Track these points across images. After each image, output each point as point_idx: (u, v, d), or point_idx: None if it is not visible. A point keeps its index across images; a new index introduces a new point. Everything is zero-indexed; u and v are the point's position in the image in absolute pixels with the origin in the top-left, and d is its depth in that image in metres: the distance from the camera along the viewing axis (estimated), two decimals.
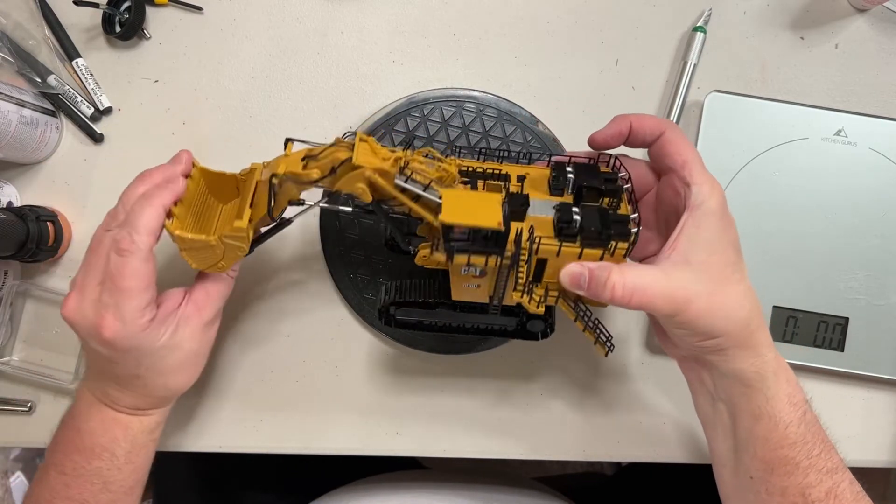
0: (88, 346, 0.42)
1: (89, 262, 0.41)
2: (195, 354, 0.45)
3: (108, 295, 0.40)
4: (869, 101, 0.55)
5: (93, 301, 0.41)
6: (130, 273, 0.40)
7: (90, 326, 0.41)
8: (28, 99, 0.52)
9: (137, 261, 0.40)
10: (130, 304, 0.40)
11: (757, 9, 0.56)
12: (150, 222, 0.40)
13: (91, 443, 0.44)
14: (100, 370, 0.44)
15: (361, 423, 0.54)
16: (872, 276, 0.53)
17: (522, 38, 0.56)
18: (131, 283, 0.40)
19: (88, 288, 0.41)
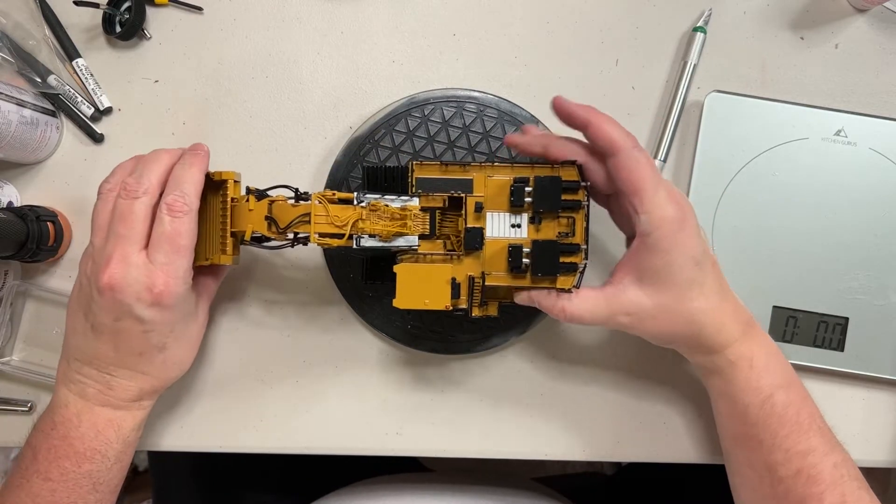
0: (117, 323, 0.43)
1: (121, 233, 0.42)
2: (202, 329, 0.49)
3: (163, 255, 0.42)
4: (869, 101, 0.55)
5: (140, 264, 0.42)
6: (186, 232, 0.42)
7: (141, 289, 0.41)
8: (28, 99, 0.52)
9: (190, 221, 0.43)
10: (184, 262, 0.43)
11: (757, 9, 0.56)
12: (198, 184, 0.43)
13: (82, 448, 0.44)
14: (112, 356, 0.44)
15: (361, 423, 0.54)
16: (872, 276, 0.53)
17: (522, 38, 0.56)
18: (186, 242, 0.42)
19: (132, 254, 0.42)
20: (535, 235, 0.44)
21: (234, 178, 0.47)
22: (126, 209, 0.42)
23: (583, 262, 0.44)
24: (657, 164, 0.54)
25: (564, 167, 0.44)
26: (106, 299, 0.42)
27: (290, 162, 0.55)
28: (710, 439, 0.54)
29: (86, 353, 0.44)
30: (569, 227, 0.44)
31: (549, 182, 0.44)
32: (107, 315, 0.42)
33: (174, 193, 0.42)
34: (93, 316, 0.43)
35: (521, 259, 0.44)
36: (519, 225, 0.45)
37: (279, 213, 0.45)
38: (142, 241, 0.42)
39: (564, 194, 0.44)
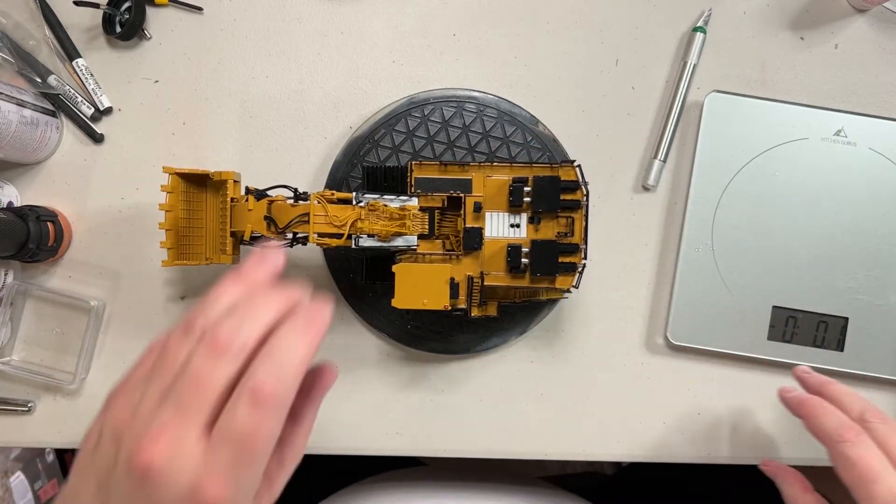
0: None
1: (185, 401, 0.29)
2: None
3: (227, 457, 0.28)
4: (869, 101, 0.55)
5: (196, 456, 0.28)
6: (267, 436, 0.29)
7: (185, 490, 0.28)
8: (28, 99, 0.52)
9: (278, 421, 0.29)
10: (251, 477, 0.29)
11: (757, 9, 0.56)
12: (305, 365, 0.30)
13: None
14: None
15: (361, 423, 0.55)
16: (872, 276, 0.53)
17: (522, 38, 0.56)
18: (263, 450, 0.29)
19: (189, 438, 0.28)
20: (534, 235, 0.45)
21: (233, 178, 0.47)
22: (204, 371, 0.29)
23: (582, 262, 0.44)
24: (656, 165, 0.54)
25: (563, 167, 0.44)
26: (134, 485, 0.28)
27: (290, 162, 0.55)
28: (710, 439, 0.54)
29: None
30: (568, 227, 0.44)
31: (548, 182, 0.44)
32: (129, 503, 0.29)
33: (270, 372, 0.29)
34: (108, 495, 0.30)
35: (520, 259, 0.44)
36: (518, 225, 0.45)
37: (278, 213, 0.46)
38: (208, 421, 0.29)
39: (563, 194, 0.44)
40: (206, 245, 0.49)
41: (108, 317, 0.55)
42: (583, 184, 0.44)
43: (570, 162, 0.44)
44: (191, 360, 0.29)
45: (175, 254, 0.48)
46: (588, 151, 0.55)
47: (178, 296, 0.55)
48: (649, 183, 0.54)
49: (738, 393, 0.54)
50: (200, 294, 0.55)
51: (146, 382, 0.30)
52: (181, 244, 0.48)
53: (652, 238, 0.55)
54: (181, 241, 0.48)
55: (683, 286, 0.53)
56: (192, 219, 0.49)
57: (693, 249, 0.53)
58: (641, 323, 0.55)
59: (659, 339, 0.54)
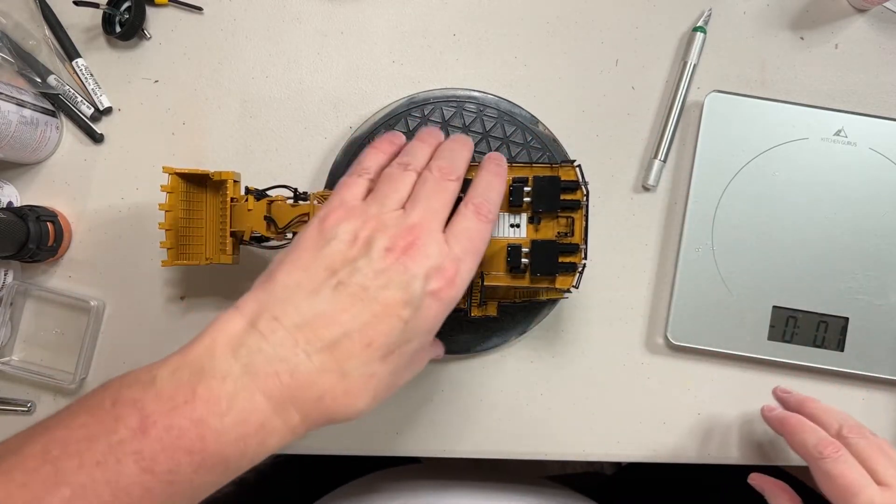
0: (382, 292, 0.34)
1: (434, 206, 0.37)
2: (395, 387, 0.38)
3: (461, 249, 0.36)
4: (869, 101, 0.55)
5: (442, 242, 0.36)
6: (486, 239, 0.38)
7: (434, 266, 0.35)
8: (28, 99, 0.52)
9: (490, 232, 0.38)
10: (473, 268, 0.37)
11: (757, 9, 0.56)
12: (501, 199, 0.40)
13: (213, 446, 0.31)
14: (335, 331, 0.33)
15: (361, 422, 0.54)
16: (872, 276, 0.53)
17: (522, 38, 0.56)
18: (482, 249, 0.37)
19: (437, 230, 0.36)
20: (534, 235, 0.44)
21: (233, 178, 0.47)
22: (441, 186, 0.38)
23: (582, 263, 0.44)
24: (656, 165, 0.54)
25: (563, 167, 0.44)
26: (390, 259, 0.34)
27: (290, 162, 0.55)
28: (710, 439, 0.54)
29: (300, 311, 0.33)
30: (568, 227, 0.44)
31: (547, 182, 0.44)
32: (376, 277, 0.34)
33: (480, 199, 0.38)
34: (350, 272, 0.34)
35: (520, 259, 0.44)
36: (518, 225, 0.45)
37: (278, 213, 0.46)
38: (444, 224, 0.37)
39: (563, 194, 0.44)
40: (206, 245, 0.49)
41: (107, 317, 0.55)
42: (583, 184, 0.44)
43: (570, 162, 0.44)
44: (426, 183, 0.38)
45: (175, 254, 0.48)
46: (588, 151, 0.55)
47: (178, 296, 0.55)
48: (649, 183, 0.54)
49: (739, 393, 0.54)
50: (200, 294, 0.55)
51: (378, 201, 0.37)
52: (181, 244, 0.48)
53: (652, 238, 0.55)
54: (181, 240, 0.48)
55: (683, 286, 0.53)
56: (192, 219, 0.49)
57: (693, 249, 0.53)
58: (641, 323, 0.55)
59: (659, 339, 0.54)
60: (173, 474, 0.30)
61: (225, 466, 0.31)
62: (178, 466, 0.30)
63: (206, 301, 0.55)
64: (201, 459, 0.31)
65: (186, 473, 0.30)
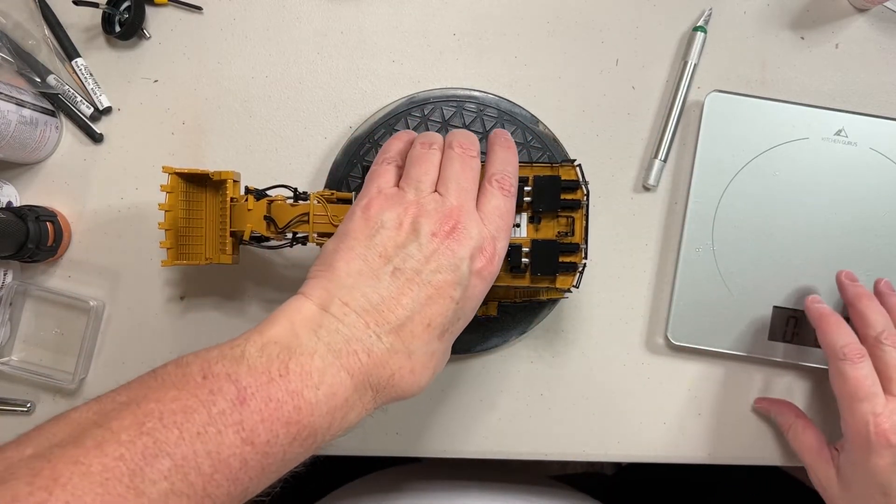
0: (435, 275, 0.36)
1: (465, 186, 0.39)
2: (442, 363, 0.40)
3: (494, 227, 0.38)
4: (869, 101, 0.55)
5: (480, 222, 0.38)
6: (512, 214, 0.40)
7: (477, 246, 0.37)
8: (28, 99, 0.52)
9: (514, 205, 0.40)
10: (506, 244, 0.39)
11: (757, 8, 0.56)
12: (517, 172, 0.41)
13: (308, 419, 0.32)
14: (399, 314, 0.35)
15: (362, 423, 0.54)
16: (873, 276, 0.53)
17: (522, 38, 0.56)
18: (510, 224, 0.39)
19: (474, 210, 0.38)
20: (534, 235, 0.44)
21: (233, 178, 0.47)
22: (467, 164, 0.39)
23: (582, 262, 0.44)
24: (657, 165, 0.54)
25: (563, 166, 0.44)
26: (436, 243, 0.36)
27: (290, 162, 0.55)
28: (711, 439, 0.54)
29: (366, 296, 0.35)
30: (568, 227, 0.44)
31: (548, 182, 0.43)
32: (427, 261, 0.36)
33: (501, 174, 0.40)
34: (403, 258, 0.36)
35: (521, 259, 0.43)
36: (518, 224, 0.44)
37: (278, 213, 0.45)
38: (475, 202, 0.39)
39: (563, 194, 0.44)
40: (206, 245, 0.49)
41: (107, 317, 0.55)
42: (583, 183, 0.44)
43: (571, 161, 0.44)
44: (453, 161, 0.39)
45: (175, 254, 0.48)
46: (588, 151, 0.55)
47: (178, 295, 0.55)
48: (650, 183, 0.54)
49: (739, 393, 0.54)
50: (200, 294, 0.55)
51: (413, 185, 0.38)
52: (180, 244, 0.48)
53: (652, 238, 0.55)
54: (180, 240, 0.48)
55: (684, 286, 0.53)
56: (192, 219, 0.49)
57: (693, 249, 0.53)
58: (642, 323, 0.55)
59: (659, 340, 0.54)
60: (270, 446, 0.31)
61: (314, 439, 0.33)
62: (276, 438, 0.31)
63: (206, 301, 0.55)
64: (297, 431, 0.32)
65: (282, 445, 0.31)
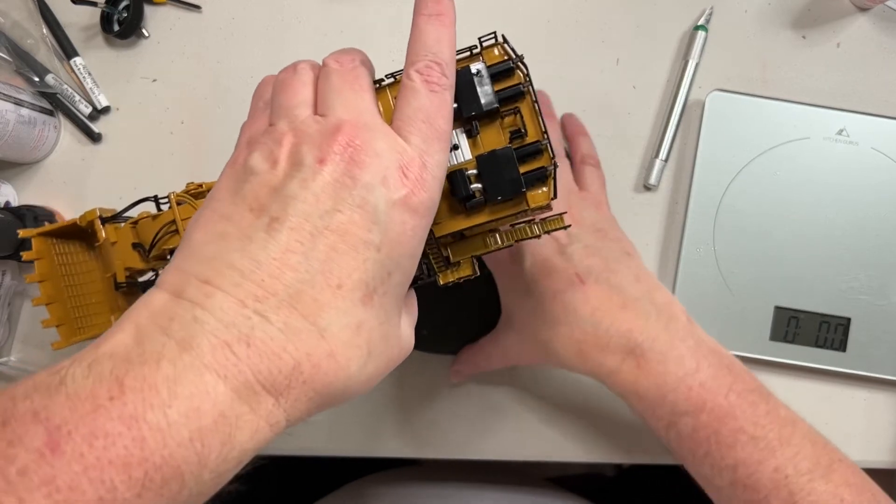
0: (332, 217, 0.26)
1: (349, 98, 0.29)
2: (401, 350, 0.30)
3: (420, 137, 0.28)
4: (871, 101, 0.55)
5: (390, 134, 0.28)
6: (448, 113, 0.29)
7: (392, 165, 0.27)
8: (26, 98, 0.51)
9: (450, 99, 0.29)
10: (444, 155, 0.29)
11: (758, 8, 0.55)
12: (454, 49, 0.30)
13: (156, 454, 0.22)
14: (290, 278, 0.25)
15: (360, 423, 0.54)
16: (874, 276, 0.52)
17: (523, 38, 0.55)
18: (446, 127, 0.29)
19: (376, 118, 0.29)
20: (480, 151, 0.32)
21: (97, 216, 0.38)
22: (350, 73, 0.30)
23: (552, 163, 0.32)
24: (658, 164, 0.54)
25: (485, 49, 0.33)
26: (328, 171, 0.26)
27: None
28: None
29: (234, 265, 0.25)
30: (518, 124, 0.32)
31: (463, 78, 0.31)
32: (318, 200, 0.26)
33: (426, 60, 0.29)
34: (283, 203, 0.26)
35: (469, 186, 0.31)
36: (457, 146, 0.32)
37: (144, 234, 0.37)
38: (380, 115, 0.29)
39: (497, 84, 0.32)
40: (108, 304, 0.40)
41: None
42: (516, 61, 0.33)
43: (493, 36, 0.33)
44: (329, 77, 0.31)
45: (69, 330, 0.38)
46: None
47: None
48: (650, 182, 0.54)
49: None
50: None
51: (282, 114, 0.30)
52: (77, 315, 0.39)
53: (653, 238, 0.55)
54: (75, 311, 0.39)
55: (685, 286, 0.53)
56: (77, 283, 0.40)
57: (694, 249, 0.53)
58: None
59: None
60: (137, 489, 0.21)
61: (180, 482, 0.22)
62: (112, 492, 0.21)
63: None
64: (144, 475, 0.21)
65: (126, 501, 0.21)
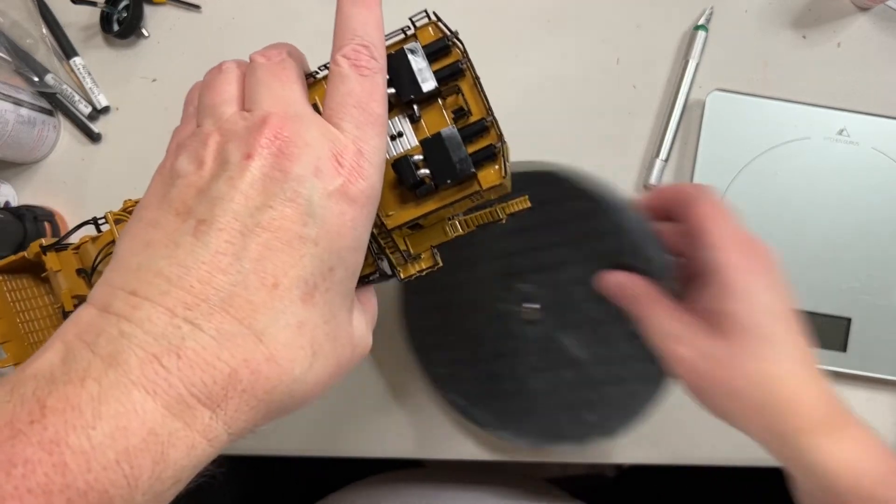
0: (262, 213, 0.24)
1: (276, 90, 0.27)
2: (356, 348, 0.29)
3: (353, 124, 0.26)
4: (871, 101, 0.55)
5: (320, 122, 0.26)
6: (381, 96, 0.27)
7: (324, 154, 0.25)
8: (25, 98, 0.51)
9: (382, 81, 0.28)
10: (380, 140, 0.27)
11: (759, 7, 0.55)
12: (382, 30, 0.29)
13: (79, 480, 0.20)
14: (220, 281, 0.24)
15: (360, 424, 0.54)
16: (875, 276, 0.52)
17: (523, 38, 0.55)
18: (381, 111, 0.27)
19: (304, 108, 0.27)
20: (424, 135, 0.31)
21: (40, 245, 0.36)
22: (277, 66, 0.28)
23: (500, 142, 0.30)
24: (658, 164, 0.53)
25: (419, 29, 0.32)
26: (255, 167, 0.24)
27: None
28: (713, 442, 0.54)
29: (162, 273, 0.24)
30: (461, 103, 0.31)
31: (398, 61, 0.30)
32: (247, 198, 0.24)
33: (352, 44, 0.27)
34: (210, 204, 0.24)
35: (416, 172, 0.30)
36: (401, 133, 0.31)
37: (86, 258, 0.35)
38: (309, 106, 0.27)
39: (433, 64, 0.31)
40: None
41: None
42: (451, 37, 0.31)
43: (425, 14, 0.32)
44: (255, 71, 0.28)
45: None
46: (589, 151, 0.54)
47: None
48: (651, 182, 0.54)
49: None
50: None
51: (208, 113, 0.27)
52: (33, 351, 0.36)
53: None
54: (31, 348, 0.37)
55: None
56: (32, 317, 0.38)
57: None
58: None
59: None
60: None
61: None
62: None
63: None
64: (66, 502, 0.20)
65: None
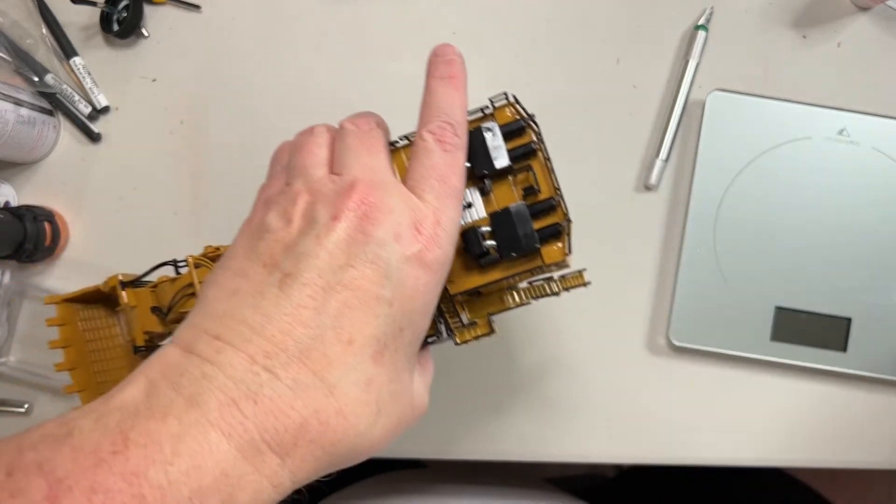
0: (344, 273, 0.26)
1: (365, 160, 0.29)
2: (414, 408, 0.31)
3: (433, 195, 0.29)
4: (872, 101, 0.55)
5: (404, 192, 0.28)
6: (461, 171, 0.30)
7: (405, 222, 0.27)
8: (25, 98, 0.51)
9: (463, 158, 0.30)
10: (457, 212, 0.29)
11: (759, 7, 0.55)
12: (466, 110, 0.32)
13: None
14: (300, 334, 0.25)
15: None
16: (875, 277, 0.52)
17: (522, 38, 0.55)
18: (460, 185, 0.30)
19: (389, 178, 0.29)
20: (493, 208, 0.33)
21: (119, 281, 0.38)
22: (366, 135, 0.31)
23: (566, 220, 0.32)
24: (658, 164, 0.53)
25: (497, 109, 0.34)
26: (342, 228, 0.26)
27: None
28: (713, 441, 0.54)
29: (246, 321, 0.25)
30: (531, 181, 0.33)
31: (475, 138, 0.32)
32: (331, 257, 0.26)
33: (439, 121, 0.30)
34: (296, 260, 0.26)
35: (482, 242, 0.32)
36: (470, 204, 0.33)
37: (162, 298, 0.37)
38: (393, 174, 0.30)
39: (508, 143, 0.33)
40: (130, 367, 0.39)
41: None
42: (527, 119, 0.33)
43: (504, 97, 0.33)
44: (345, 138, 0.31)
45: (91, 396, 0.39)
46: (589, 151, 0.54)
47: None
48: (651, 182, 0.54)
49: (741, 394, 0.54)
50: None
51: (298, 173, 0.30)
52: (99, 381, 0.39)
53: (653, 238, 0.54)
54: (97, 376, 0.39)
55: (685, 286, 0.53)
56: (101, 349, 0.40)
57: (695, 249, 0.53)
58: (643, 324, 0.54)
59: (661, 340, 0.54)
60: None
61: None
62: None
63: None
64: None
65: None
